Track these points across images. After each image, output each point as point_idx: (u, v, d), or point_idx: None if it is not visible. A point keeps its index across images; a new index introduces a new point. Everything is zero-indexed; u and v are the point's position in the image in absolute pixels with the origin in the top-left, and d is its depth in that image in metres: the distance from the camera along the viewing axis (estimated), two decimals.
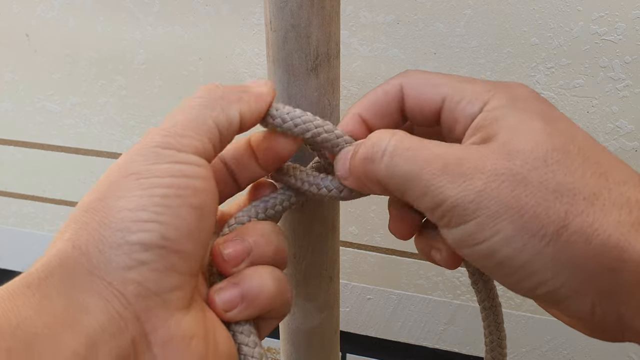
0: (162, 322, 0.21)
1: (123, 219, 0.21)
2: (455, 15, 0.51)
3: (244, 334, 0.26)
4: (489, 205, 0.22)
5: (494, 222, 0.22)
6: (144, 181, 0.22)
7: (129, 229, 0.21)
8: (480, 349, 0.69)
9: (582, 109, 0.53)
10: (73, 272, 0.20)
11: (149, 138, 0.24)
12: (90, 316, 0.20)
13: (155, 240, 0.21)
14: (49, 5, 0.61)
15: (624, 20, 0.48)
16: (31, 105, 0.68)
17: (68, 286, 0.20)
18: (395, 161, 0.24)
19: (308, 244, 0.35)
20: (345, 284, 0.69)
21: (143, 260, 0.21)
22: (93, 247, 0.21)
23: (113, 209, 0.22)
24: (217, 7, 0.56)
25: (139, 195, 0.22)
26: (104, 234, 0.21)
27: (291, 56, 0.29)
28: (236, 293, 0.25)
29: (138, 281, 0.21)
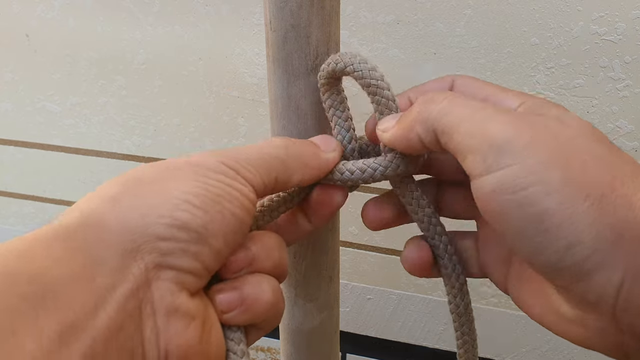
0: (170, 294, 0.22)
1: (177, 196, 0.23)
2: (455, 15, 0.51)
3: (234, 341, 0.26)
4: (541, 151, 0.22)
5: (543, 169, 0.22)
6: (203, 178, 0.24)
7: (179, 206, 0.22)
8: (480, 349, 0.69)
9: (582, 109, 0.53)
10: (104, 229, 0.21)
11: (217, 154, 0.26)
12: (106, 274, 0.20)
13: (197, 226, 0.23)
14: (49, 5, 0.61)
15: (624, 20, 0.48)
16: (31, 105, 0.68)
17: (96, 240, 0.21)
18: (454, 102, 0.25)
19: (308, 244, 0.35)
20: (345, 284, 0.69)
21: (179, 237, 0.22)
22: (135, 211, 0.22)
23: (168, 186, 0.23)
24: (217, 7, 0.56)
25: (195, 185, 0.23)
26: (153, 201, 0.22)
27: (291, 56, 0.29)
28: (236, 296, 0.26)
29: (164, 252, 0.22)
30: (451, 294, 0.31)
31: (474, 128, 0.23)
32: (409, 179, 0.30)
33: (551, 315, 0.25)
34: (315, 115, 0.31)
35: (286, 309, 0.38)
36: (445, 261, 0.31)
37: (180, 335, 0.22)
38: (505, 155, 0.22)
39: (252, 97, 0.60)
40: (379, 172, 0.29)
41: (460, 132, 0.24)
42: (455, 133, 0.24)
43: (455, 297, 0.31)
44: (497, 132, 0.23)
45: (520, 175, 0.22)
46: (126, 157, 0.68)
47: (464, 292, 0.31)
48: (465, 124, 0.24)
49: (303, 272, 0.36)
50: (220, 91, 0.60)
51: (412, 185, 0.30)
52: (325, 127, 0.32)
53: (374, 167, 0.29)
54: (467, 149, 0.23)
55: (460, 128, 0.24)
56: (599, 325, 0.23)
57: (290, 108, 0.31)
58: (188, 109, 0.62)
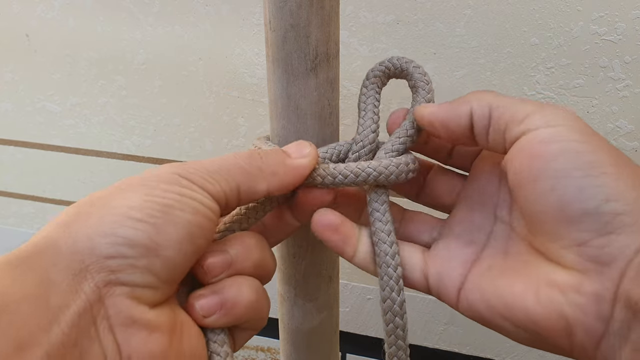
0: (126, 309, 0.23)
1: (118, 214, 0.23)
2: (455, 15, 0.51)
3: (217, 343, 0.26)
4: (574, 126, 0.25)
5: (598, 136, 0.25)
6: (152, 190, 0.24)
7: (121, 223, 0.23)
8: (480, 349, 0.69)
9: (582, 109, 0.53)
10: (57, 252, 0.22)
11: (174, 166, 0.26)
12: (59, 294, 0.21)
13: (142, 239, 0.23)
14: (49, 5, 0.61)
15: (624, 20, 0.48)
16: (31, 105, 0.68)
17: (48, 264, 0.22)
18: (502, 94, 0.28)
19: (308, 244, 0.35)
20: (345, 284, 0.69)
21: (125, 254, 0.23)
22: (83, 233, 0.23)
23: (114, 205, 0.23)
24: (217, 7, 0.56)
25: (142, 199, 0.24)
26: (97, 223, 0.23)
27: (290, 56, 0.29)
28: (215, 300, 0.26)
29: (113, 270, 0.22)
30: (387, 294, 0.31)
31: (529, 102, 0.27)
32: (386, 190, 0.31)
33: (535, 290, 0.25)
34: (315, 114, 0.31)
35: (286, 309, 0.38)
36: (386, 277, 0.30)
37: (142, 347, 0.23)
38: (565, 117, 0.25)
39: (252, 97, 0.60)
40: (372, 178, 0.30)
41: (517, 102, 0.27)
42: (512, 104, 0.27)
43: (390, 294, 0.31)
44: (550, 104, 0.26)
45: (580, 132, 0.25)
46: (126, 157, 0.68)
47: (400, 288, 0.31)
48: (520, 101, 0.27)
49: (303, 272, 0.36)
50: (220, 91, 0.60)
51: (385, 196, 0.31)
52: (324, 126, 0.32)
53: (368, 172, 0.30)
54: (525, 112, 0.26)
55: (516, 102, 0.27)
56: (596, 290, 0.23)
57: (289, 108, 0.31)
58: (188, 109, 0.62)
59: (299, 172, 0.29)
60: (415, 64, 0.31)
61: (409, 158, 0.31)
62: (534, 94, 0.53)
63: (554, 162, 0.24)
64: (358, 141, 0.31)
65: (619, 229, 0.23)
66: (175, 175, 0.25)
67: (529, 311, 0.25)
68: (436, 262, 0.30)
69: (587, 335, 0.23)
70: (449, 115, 0.28)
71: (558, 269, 0.25)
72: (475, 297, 0.27)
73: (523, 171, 0.25)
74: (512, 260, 0.28)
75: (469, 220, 0.30)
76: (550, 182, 0.24)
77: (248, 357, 0.79)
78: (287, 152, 0.30)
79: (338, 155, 0.31)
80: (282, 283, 0.37)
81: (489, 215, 0.30)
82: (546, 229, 0.25)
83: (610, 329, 0.23)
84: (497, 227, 0.30)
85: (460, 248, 0.30)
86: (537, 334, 0.25)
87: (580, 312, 0.23)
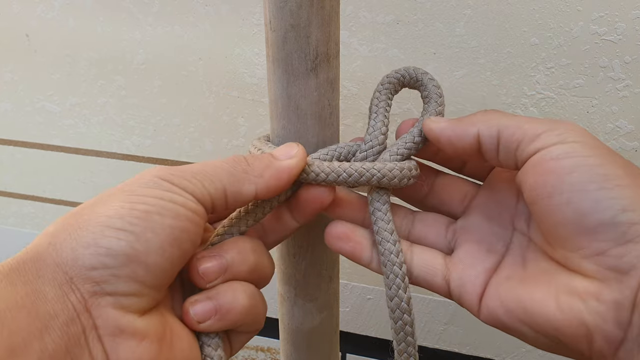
0: (113, 319, 0.23)
1: (99, 223, 0.23)
2: (455, 15, 0.51)
3: (211, 347, 0.27)
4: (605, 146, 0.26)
5: (611, 151, 0.26)
6: (131, 197, 0.24)
7: (102, 233, 0.23)
8: (480, 349, 0.69)
9: (582, 109, 0.53)
10: (43, 264, 0.23)
11: (155, 169, 0.26)
12: (47, 304, 0.22)
13: (123, 248, 0.23)
14: (49, 5, 0.61)
15: (624, 20, 0.48)
16: (31, 105, 0.68)
17: (34, 276, 0.22)
18: (509, 114, 0.29)
19: (308, 244, 0.35)
20: (345, 284, 0.69)
21: (107, 264, 0.23)
22: (67, 245, 0.23)
23: (96, 214, 0.24)
24: (217, 7, 0.56)
25: (121, 206, 0.24)
26: (80, 234, 0.23)
27: (291, 56, 0.29)
28: (210, 306, 0.27)
29: (97, 281, 0.23)
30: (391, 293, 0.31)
31: (538, 120, 0.27)
32: (387, 191, 0.32)
33: (556, 298, 0.25)
34: (315, 115, 0.31)
35: (286, 309, 0.38)
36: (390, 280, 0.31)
37: (131, 356, 0.23)
38: (577, 134, 0.26)
39: (252, 97, 0.60)
40: (375, 179, 0.30)
41: (527, 121, 0.27)
42: (522, 124, 0.27)
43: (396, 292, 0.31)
44: (561, 122, 0.27)
45: (593, 148, 0.25)
46: (126, 157, 0.68)
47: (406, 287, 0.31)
48: (529, 120, 0.27)
49: (303, 272, 0.36)
50: (220, 91, 0.60)
51: (386, 196, 0.32)
52: (324, 126, 0.32)
53: (373, 172, 0.30)
54: (536, 132, 0.27)
55: (526, 121, 0.27)
56: (615, 297, 0.24)
57: (290, 108, 0.31)
58: (188, 109, 0.62)
59: (286, 173, 0.29)
60: (430, 76, 0.32)
61: (412, 164, 0.31)
62: (534, 94, 0.53)
63: (568, 176, 0.25)
64: (367, 141, 0.32)
65: (637, 237, 0.23)
66: (155, 179, 0.25)
67: (550, 317, 0.25)
68: (458, 268, 0.30)
69: (606, 342, 0.24)
70: (456, 134, 0.29)
71: (578, 277, 0.25)
72: (495, 304, 0.28)
73: (538, 187, 0.26)
74: (531, 269, 0.28)
75: (488, 229, 0.31)
76: (566, 196, 0.25)
77: (248, 357, 0.79)
78: (275, 154, 0.30)
79: (338, 158, 0.31)
80: (282, 283, 0.37)
81: (508, 226, 0.30)
82: (565, 241, 0.26)
83: (628, 336, 0.23)
84: (515, 237, 0.30)
85: (481, 256, 0.30)
86: (558, 340, 0.25)
87: (600, 319, 0.24)
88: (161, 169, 0.26)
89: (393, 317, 0.31)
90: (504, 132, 0.28)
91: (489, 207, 0.31)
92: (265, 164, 0.29)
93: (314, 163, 0.30)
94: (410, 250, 0.32)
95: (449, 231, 0.32)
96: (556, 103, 0.53)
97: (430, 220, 0.33)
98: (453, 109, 0.55)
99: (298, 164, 0.29)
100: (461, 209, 0.32)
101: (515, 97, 0.53)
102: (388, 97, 0.33)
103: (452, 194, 0.33)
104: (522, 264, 0.29)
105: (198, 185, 0.26)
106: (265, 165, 0.29)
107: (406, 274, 0.31)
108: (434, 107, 0.32)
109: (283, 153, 0.30)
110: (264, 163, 0.29)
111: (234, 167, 0.28)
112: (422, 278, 0.31)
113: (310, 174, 0.30)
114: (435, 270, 0.31)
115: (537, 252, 0.28)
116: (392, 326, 0.31)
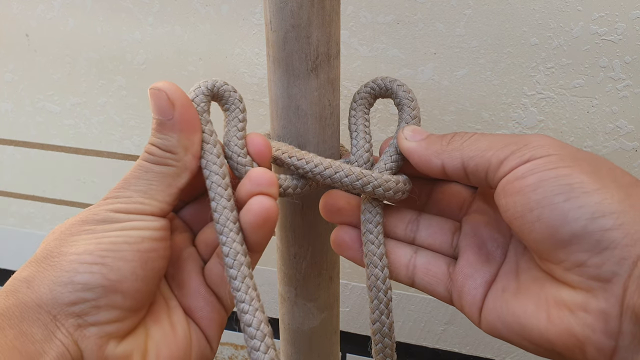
0: (98, 347, 0.25)
1: (71, 262, 0.25)
2: (455, 15, 0.51)
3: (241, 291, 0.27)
4: (570, 151, 0.26)
5: (575, 158, 0.25)
6: (95, 234, 0.26)
7: (76, 270, 0.25)
8: (480, 349, 0.69)
9: (582, 109, 0.53)
10: (25, 308, 0.24)
11: (106, 203, 0.27)
12: (36, 344, 0.23)
13: (98, 281, 0.25)
14: (49, 5, 0.61)
15: (624, 20, 0.48)
16: (31, 105, 0.68)
17: (19, 320, 0.24)
18: (479, 135, 0.29)
19: (308, 244, 0.35)
20: (345, 284, 0.69)
21: (85, 298, 0.24)
22: (45, 287, 0.24)
23: (65, 254, 0.25)
24: (217, 7, 0.56)
25: (88, 243, 0.25)
26: (55, 274, 0.25)
27: (291, 56, 0.29)
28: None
29: (78, 314, 0.24)
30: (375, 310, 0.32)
31: (506, 141, 0.27)
32: (380, 202, 0.32)
33: (546, 310, 0.25)
34: (316, 115, 0.31)
35: (286, 309, 0.38)
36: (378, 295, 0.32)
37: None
38: (542, 149, 0.26)
39: (252, 97, 0.60)
40: (370, 187, 0.30)
41: (491, 149, 0.27)
42: (485, 152, 0.27)
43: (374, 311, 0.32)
44: (528, 138, 0.26)
45: (558, 160, 0.25)
46: (126, 157, 0.68)
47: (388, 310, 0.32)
48: (494, 143, 0.27)
49: (303, 272, 0.36)
50: None
51: (379, 208, 0.32)
52: (325, 126, 0.32)
53: (370, 179, 0.30)
54: (499, 159, 0.27)
55: (490, 147, 0.27)
56: (602, 307, 0.23)
57: (290, 108, 0.31)
58: None
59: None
60: (399, 82, 0.32)
61: (404, 178, 0.32)
62: (534, 94, 0.53)
63: (533, 193, 0.25)
64: (353, 162, 0.32)
65: (612, 243, 0.23)
66: (108, 213, 0.26)
67: (542, 331, 0.25)
68: (458, 280, 0.30)
69: (598, 352, 0.24)
70: (422, 162, 0.29)
71: (565, 288, 0.25)
72: (494, 318, 0.28)
73: (510, 208, 0.26)
74: (524, 279, 0.28)
75: (487, 235, 0.31)
76: (536, 213, 0.25)
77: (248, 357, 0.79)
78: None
79: None
80: (282, 283, 0.37)
81: (505, 232, 0.30)
82: (547, 255, 0.26)
83: (620, 344, 0.23)
84: (512, 244, 0.30)
85: (479, 265, 0.30)
86: (554, 352, 0.25)
87: (589, 330, 0.24)
88: (106, 201, 0.27)
89: (374, 339, 0.32)
90: (469, 164, 0.28)
91: (487, 213, 0.31)
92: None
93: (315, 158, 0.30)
94: (414, 258, 0.32)
95: (453, 236, 0.32)
96: (556, 103, 0.53)
97: (435, 225, 0.33)
98: (453, 109, 0.55)
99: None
100: (461, 215, 0.33)
101: (515, 97, 0.53)
102: (364, 112, 0.33)
103: (450, 201, 0.33)
104: (516, 273, 0.29)
105: (150, 202, 0.27)
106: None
107: (387, 276, 0.31)
108: (407, 112, 0.32)
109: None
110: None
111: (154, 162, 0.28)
112: (423, 287, 0.32)
113: (309, 163, 0.30)
114: (438, 280, 0.31)
115: (530, 261, 0.28)
116: (370, 327, 0.32)
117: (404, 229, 0.33)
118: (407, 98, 0.32)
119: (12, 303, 0.24)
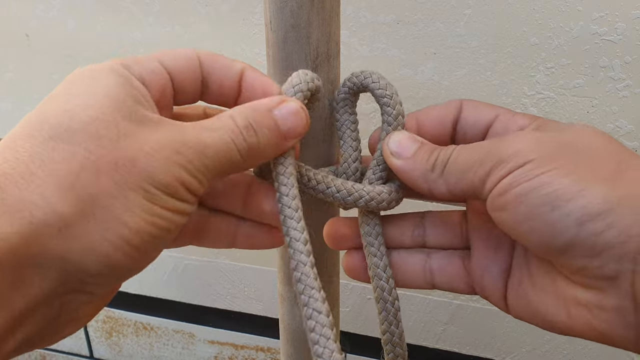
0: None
1: (118, 235, 0.22)
2: (455, 15, 0.51)
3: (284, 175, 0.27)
4: (549, 149, 0.25)
5: (552, 160, 0.24)
6: (150, 203, 0.23)
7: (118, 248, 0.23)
8: (480, 349, 0.69)
9: (582, 109, 0.53)
10: (43, 252, 0.21)
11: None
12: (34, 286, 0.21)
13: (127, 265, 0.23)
14: (48, 5, 0.61)
15: (624, 20, 0.48)
16: (31, 105, 0.68)
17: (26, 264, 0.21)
18: (461, 149, 0.28)
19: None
20: (345, 284, 0.69)
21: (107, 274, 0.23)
22: (78, 245, 0.22)
23: (113, 214, 0.22)
24: (217, 7, 0.56)
25: (140, 218, 0.23)
26: (94, 237, 0.22)
27: (291, 56, 0.29)
28: None
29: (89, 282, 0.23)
30: (384, 322, 0.32)
31: (482, 157, 0.26)
32: (377, 215, 0.31)
33: (565, 307, 0.26)
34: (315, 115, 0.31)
35: (286, 308, 0.38)
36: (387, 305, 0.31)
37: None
38: (519, 157, 0.25)
39: None
40: (363, 201, 0.30)
41: (471, 167, 0.26)
42: (467, 174, 0.26)
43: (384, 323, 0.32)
44: (504, 145, 0.26)
45: (536, 166, 0.24)
46: None
47: (397, 320, 0.32)
48: (474, 161, 0.26)
49: None
50: None
51: (377, 219, 0.31)
52: (325, 126, 0.32)
53: (362, 194, 0.30)
54: (482, 177, 0.26)
55: (470, 165, 0.26)
56: (616, 304, 0.23)
57: None
58: None
59: None
60: (374, 78, 0.30)
61: (396, 186, 0.30)
62: (534, 94, 0.53)
63: (518, 208, 0.24)
64: (341, 172, 0.31)
65: (607, 245, 0.23)
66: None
67: (567, 325, 0.26)
68: (477, 274, 0.30)
69: (623, 341, 0.24)
70: (410, 184, 0.29)
71: (578, 287, 0.25)
72: (519, 312, 0.28)
73: (501, 222, 0.26)
74: (535, 269, 0.28)
75: (492, 224, 0.30)
76: (527, 225, 0.24)
77: (248, 357, 0.79)
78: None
79: None
80: (282, 283, 0.37)
81: None
82: (550, 259, 0.26)
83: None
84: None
85: (492, 254, 0.30)
86: (586, 338, 0.26)
87: (608, 326, 0.24)
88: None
89: (386, 349, 0.32)
90: (455, 190, 0.27)
91: None
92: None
93: (310, 170, 0.30)
94: (429, 263, 0.31)
95: (461, 226, 0.32)
96: (556, 103, 0.53)
97: (440, 223, 0.32)
98: None
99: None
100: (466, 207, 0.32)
101: (515, 97, 0.53)
102: (348, 113, 0.31)
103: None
104: (527, 264, 0.28)
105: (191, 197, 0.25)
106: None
107: (393, 287, 0.31)
108: (388, 112, 0.30)
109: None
110: None
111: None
112: (445, 288, 0.31)
113: (303, 176, 0.30)
114: (458, 278, 0.31)
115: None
116: (381, 337, 0.32)
117: (411, 235, 0.32)
118: (385, 96, 0.30)
119: (26, 242, 0.21)
